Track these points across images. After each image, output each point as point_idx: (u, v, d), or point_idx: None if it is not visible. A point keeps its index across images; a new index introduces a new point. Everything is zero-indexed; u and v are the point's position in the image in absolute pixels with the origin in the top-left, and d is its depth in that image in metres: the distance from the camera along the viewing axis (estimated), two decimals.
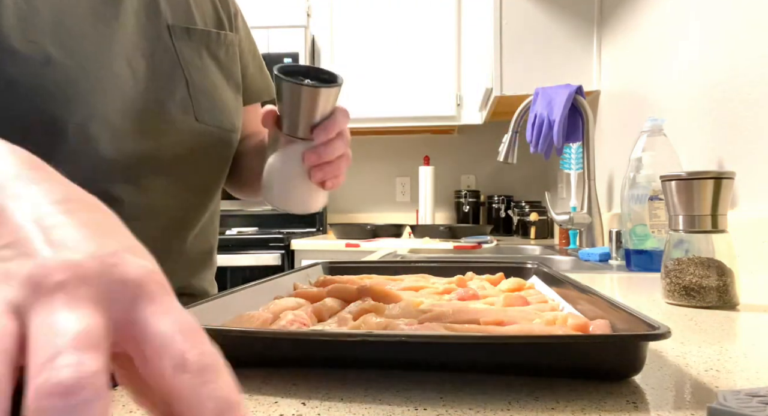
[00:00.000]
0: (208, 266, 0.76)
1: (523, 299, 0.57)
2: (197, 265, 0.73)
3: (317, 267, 0.83)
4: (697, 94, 1.20)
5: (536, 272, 0.78)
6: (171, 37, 0.64)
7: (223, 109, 0.70)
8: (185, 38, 0.65)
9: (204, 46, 0.68)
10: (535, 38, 2.08)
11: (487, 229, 2.41)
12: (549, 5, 2.08)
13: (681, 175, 0.70)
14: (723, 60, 1.09)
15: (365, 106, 2.55)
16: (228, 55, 0.72)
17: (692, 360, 0.44)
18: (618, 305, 0.45)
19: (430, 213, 2.73)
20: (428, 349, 0.39)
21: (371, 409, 0.33)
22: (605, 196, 1.90)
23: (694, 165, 1.18)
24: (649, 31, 1.52)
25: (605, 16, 1.98)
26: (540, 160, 1.82)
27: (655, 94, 1.46)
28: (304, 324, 0.47)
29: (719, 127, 1.10)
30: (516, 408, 0.33)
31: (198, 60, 0.67)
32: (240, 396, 0.20)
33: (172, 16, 0.65)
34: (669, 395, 0.36)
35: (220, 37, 0.70)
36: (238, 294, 0.57)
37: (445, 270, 0.82)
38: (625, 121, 1.73)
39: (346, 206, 3.09)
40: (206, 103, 0.67)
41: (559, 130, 1.62)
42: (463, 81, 2.65)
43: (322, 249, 2.30)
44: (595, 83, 2.03)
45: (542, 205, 2.51)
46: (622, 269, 1.18)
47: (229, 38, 0.72)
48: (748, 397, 0.30)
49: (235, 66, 0.74)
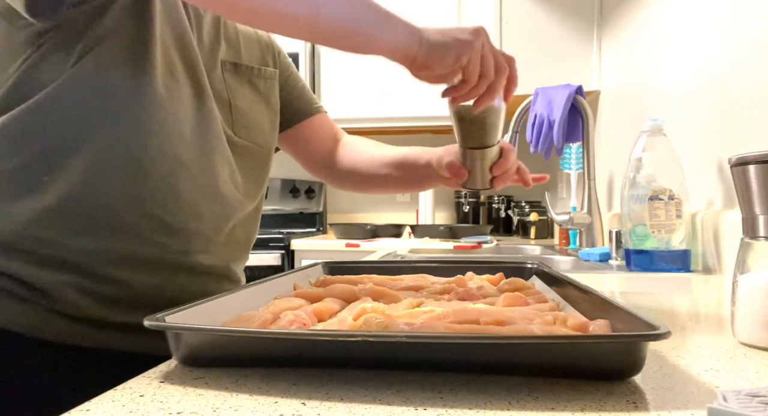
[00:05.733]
0: (244, 257, 0.86)
1: (523, 299, 0.57)
2: (237, 253, 0.82)
3: (317, 267, 0.83)
4: (697, 94, 1.20)
5: (536, 272, 0.78)
6: (222, 69, 0.80)
7: (256, 128, 0.83)
8: (232, 70, 0.81)
9: (246, 78, 0.84)
10: (535, 38, 2.08)
11: (487, 229, 2.41)
12: (549, 5, 2.08)
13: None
14: (723, 60, 1.09)
15: (365, 106, 2.55)
16: (267, 86, 0.87)
17: (692, 360, 0.44)
18: (618, 305, 0.45)
19: (430, 213, 2.73)
20: (428, 349, 0.39)
21: (371, 409, 0.33)
22: (605, 196, 1.90)
23: (694, 165, 1.18)
24: (649, 30, 1.52)
25: (605, 16, 1.98)
26: (540, 160, 1.82)
27: (655, 94, 1.46)
28: (304, 324, 0.47)
29: (719, 126, 1.10)
30: (516, 408, 0.33)
31: (239, 87, 0.82)
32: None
33: (225, 54, 0.81)
34: (669, 395, 0.36)
35: (261, 71, 0.86)
36: (238, 294, 0.57)
37: (445, 270, 0.82)
38: (625, 121, 1.73)
39: (346, 206, 3.09)
40: (243, 122, 0.81)
41: (559, 130, 1.62)
42: None
43: (322, 249, 2.30)
44: (595, 83, 2.03)
45: (542, 205, 2.51)
46: (622, 269, 1.18)
47: (269, 72, 0.88)
48: (748, 397, 0.30)
49: (273, 95, 0.89)
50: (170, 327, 0.42)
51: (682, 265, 1.07)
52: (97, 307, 0.67)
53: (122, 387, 0.39)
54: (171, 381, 0.40)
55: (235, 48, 0.83)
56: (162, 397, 0.36)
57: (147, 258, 0.68)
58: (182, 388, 0.38)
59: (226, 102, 0.79)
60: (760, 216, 0.49)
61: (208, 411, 0.34)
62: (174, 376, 0.41)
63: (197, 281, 0.74)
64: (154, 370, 0.42)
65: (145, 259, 0.68)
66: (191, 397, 0.36)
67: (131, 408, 0.35)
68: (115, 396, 0.37)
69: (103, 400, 0.36)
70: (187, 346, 0.42)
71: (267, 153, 0.86)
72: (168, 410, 0.34)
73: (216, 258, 0.76)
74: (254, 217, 0.87)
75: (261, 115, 0.85)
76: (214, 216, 0.75)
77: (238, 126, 0.80)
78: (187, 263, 0.72)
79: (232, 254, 0.81)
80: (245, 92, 0.83)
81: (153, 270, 0.69)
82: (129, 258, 0.68)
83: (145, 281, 0.69)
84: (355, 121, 2.60)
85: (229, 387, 0.38)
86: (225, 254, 0.79)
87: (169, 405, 0.35)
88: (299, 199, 2.88)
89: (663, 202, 1.08)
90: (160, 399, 0.36)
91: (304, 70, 2.53)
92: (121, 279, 0.67)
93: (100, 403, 0.35)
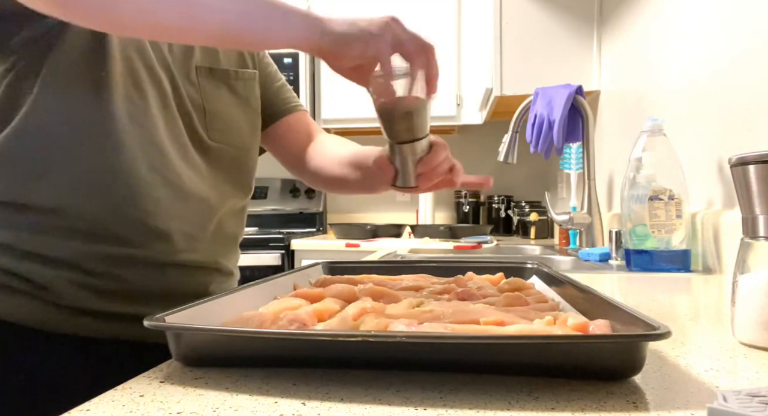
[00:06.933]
0: (233, 251, 0.88)
1: (523, 299, 0.57)
2: (225, 248, 0.85)
3: (317, 267, 0.83)
4: (697, 94, 1.20)
5: (536, 272, 0.78)
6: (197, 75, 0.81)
7: (233, 130, 0.85)
8: (208, 75, 0.83)
9: (223, 82, 0.85)
10: (535, 38, 2.08)
11: (487, 229, 2.41)
12: (549, 5, 2.08)
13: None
14: (723, 60, 1.09)
15: (365, 106, 2.55)
16: (246, 87, 0.88)
17: (692, 360, 0.44)
18: (618, 305, 0.45)
19: (430, 213, 2.73)
20: (428, 349, 0.39)
21: (371, 409, 0.33)
22: (605, 196, 1.90)
23: (694, 165, 1.18)
24: (649, 30, 1.52)
25: (605, 16, 1.98)
26: (540, 160, 1.83)
27: (655, 94, 1.46)
28: (304, 324, 0.47)
29: (719, 126, 1.10)
30: (516, 408, 0.33)
31: (216, 91, 0.83)
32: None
33: (200, 60, 0.82)
34: (669, 395, 0.36)
35: (239, 73, 0.87)
36: (238, 294, 0.57)
37: (445, 270, 0.82)
38: (625, 121, 1.73)
39: (346, 206, 3.09)
40: (219, 125, 0.82)
41: (559, 130, 1.62)
42: (463, 81, 2.64)
43: (322, 249, 2.30)
44: (595, 83, 2.03)
45: (542, 205, 2.51)
46: (622, 269, 1.18)
47: (248, 74, 0.89)
48: (748, 397, 0.30)
49: (252, 96, 0.90)
50: (170, 328, 0.42)
51: (682, 265, 1.07)
52: (95, 299, 0.71)
53: (122, 387, 0.39)
54: (171, 381, 0.40)
55: (212, 53, 0.84)
56: (162, 397, 0.36)
57: (136, 258, 0.72)
58: (182, 388, 0.38)
59: (200, 107, 0.81)
60: (760, 217, 0.49)
61: (208, 411, 0.34)
62: (174, 376, 0.41)
63: (188, 275, 0.78)
64: (154, 370, 0.42)
65: (134, 259, 0.72)
66: (191, 397, 0.36)
67: (131, 408, 0.35)
68: (115, 396, 0.37)
69: (103, 400, 0.36)
70: (187, 346, 0.42)
71: (247, 153, 0.88)
72: (168, 410, 0.34)
73: (203, 254, 0.79)
74: (240, 215, 0.89)
75: (239, 117, 0.86)
76: (196, 217, 0.78)
77: (213, 129, 0.82)
78: (175, 261, 0.75)
79: (219, 250, 0.83)
80: (222, 96, 0.84)
81: (144, 267, 0.73)
82: (119, 258, 0.71)
83: (138, 276, 0.73)
84: (355, 121, 2.60)
85: (229, 387, 0.38)
86: (212, 250, 0.81)
87: (169, 405, 0.35)
88: (299, 199, 2.89)
89: (663, 202, 1.08)
90: (160, 399, 0.36)
91: (304, 71, 2.53)
92: (115, 275, 0.71)
93: (100, 403, 0.35)
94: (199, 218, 0.78)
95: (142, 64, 0.73)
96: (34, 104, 0.67)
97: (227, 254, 0.86)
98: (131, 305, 0.72)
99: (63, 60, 0.68)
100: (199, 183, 0.78)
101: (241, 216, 0.89)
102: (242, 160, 0.87)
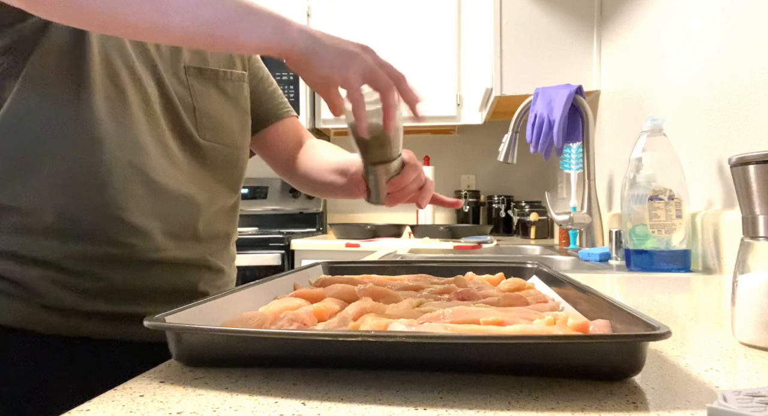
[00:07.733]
0: (224, 249, 0.88)
1: (523, 299, 0.57)
2: (214, 246, 0.85)
3: (317, 267, 0.83)
4: (697, 94, 1.20)
5: (536, 272, 0.78)
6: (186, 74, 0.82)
7: (224, 129, 0.85)
8: (197, 75, 0.83)
9: (212, 82, 0.85)
10: (535, 38, 2.08)
11: (487, 229, 2.41)
12: (549, 5, 2.08)
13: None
14: (723, 59, 1.09)
15: None
16: (235, 87, 0.89)
17: (692, 360, 0.44)
18: (618, 305, 0.45)
19: (430, 213, 2.73)
20: (428, 349, 0.39)
21: (371, 409, 0.33)
22: (605, 196, 1.90)
23: (694, 165, 1.18)
24: (649, 31, 1.52)
25: (605, 16, 1.98)
26: (540, 160, 1.83)
27: (655, 94, 1.46)
28: (304, 324, 0.47)
29: (719, 127, 1.10)
30: (516, 408, 0.33)
31: (206, 90, 0.84)
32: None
33: (189, 60, 0.83)
34: (669, 395, 0.36)
35: (227, 74, 0.88)
36: (238, 294, 0.57)
37: (445, 270, 0.82)
38: (625, 121, 1.73)
39: (346, 206, 3.09)
40: (209, 124, 0.83)
41: (559, 130, 1.62)
42: (463, 81, 2.64)
43: (322, 249, 2.30)
44: (595, 83, 2.03)
45: (542, 205, 2.51)
46: (622, 269, 1.18)
47: (236, 75, 0.90)
48: (748, 397, 0.30)
49: (242, 96, 0.90)
50: (170, 327, 0.42)
51: (682, 265, 1.07)
52: (79, 299, 0.71)
53: (122, 387, 0.39)
54: (171, 381, 0.40)
55: (200, 53, 0.85)
56: (162, 397, 0.36)
57: (115, 256, 0.72)
58: (182, 388, 0.38)
59: (190, 106, 0.81)
60: (760, 217, 0.49)
61: (208, 411, 0.34)
62: (174, 376, 0.41)
63: (174, 273, 0.78)
64: (154, 370, 0.42)
65: (117, 259, 0.72)
66: (191, 397, 0.36)
67: (131, 408, 0.35)
68: (115, 396, 0.37)
69: (103, 400, 0.36)
70: (187, 346, 0.42)
71: (238, 152, 0.89)
72: (168, 410, 0.34)
73: (191, 252, 0.79)
74: (231, 213, 0.90)
75: (230, 117, 0.87)
76: (179, 216, 0.78)
77: (203, 128, 0.82)
78: (159, 259, 0.75)
79: (208, 248, 0.83)
80: (212, 95, 0.85)
81: (124, 266, 0.73)
82: (101, 258, 0.71)
83: (121, 276, 0.73)
84: None
85: (229, 387, 0.38)
86: (200, 249, 0.82)
87: (169, 405, 0.35)
88: (299, 199, 2.89)
89: (663, 202, 1.08)
90: (160, 399, 0.36)
91: None
92: (96, 273, 0.71)
93: (100, 403, 0.35)
94: (183, 216, 0.78)
95: (123, 64, 0.73)
96: (13, 104, 0.68)
97: (218, 252, 0.86)
98: (116, 304, 0.72)
99: (44, 60, 0.68)
100: (184, 181, 0.78)
101: (232, 214, 0.90)
102: (233, 158, 0.88)
